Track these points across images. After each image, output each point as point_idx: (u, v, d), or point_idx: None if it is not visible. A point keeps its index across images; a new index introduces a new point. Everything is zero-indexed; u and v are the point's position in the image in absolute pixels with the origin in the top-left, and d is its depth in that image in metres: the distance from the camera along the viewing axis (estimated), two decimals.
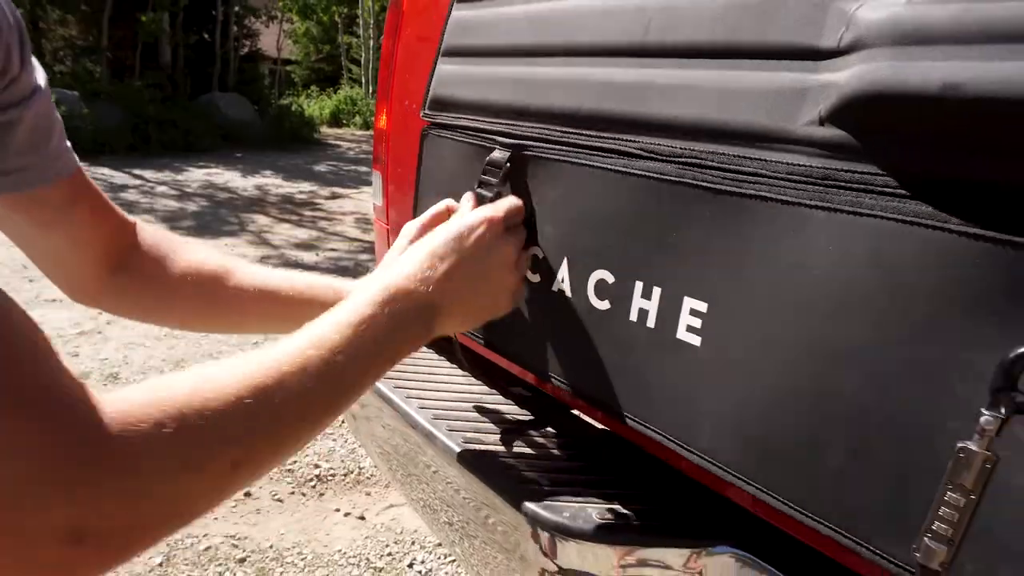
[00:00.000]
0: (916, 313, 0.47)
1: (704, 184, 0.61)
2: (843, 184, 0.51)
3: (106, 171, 8.91)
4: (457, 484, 0.85)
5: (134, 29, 12.07)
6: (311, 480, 2.42)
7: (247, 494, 2.31)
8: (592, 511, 0.71)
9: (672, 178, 0.64)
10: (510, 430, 0.90)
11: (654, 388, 0.67)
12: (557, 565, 0.72)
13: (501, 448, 0.84)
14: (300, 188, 8.94)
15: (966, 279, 0.44)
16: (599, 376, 0.74)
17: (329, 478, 2.44)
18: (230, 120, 12.72)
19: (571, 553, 0.69)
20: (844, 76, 0.50)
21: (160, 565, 1.94)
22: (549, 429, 0.90)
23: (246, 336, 3.59)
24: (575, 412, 0.95)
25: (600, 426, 0.89)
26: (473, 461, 0.79)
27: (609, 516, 0.71)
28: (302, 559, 2.02)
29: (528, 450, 0.85)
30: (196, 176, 9.24)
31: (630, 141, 0.68)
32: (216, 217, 6.80)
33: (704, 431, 0.63)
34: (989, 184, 0.43)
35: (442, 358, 1.11)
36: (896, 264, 0.48)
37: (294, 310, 0.76)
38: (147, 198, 7.49)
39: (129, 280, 0.75)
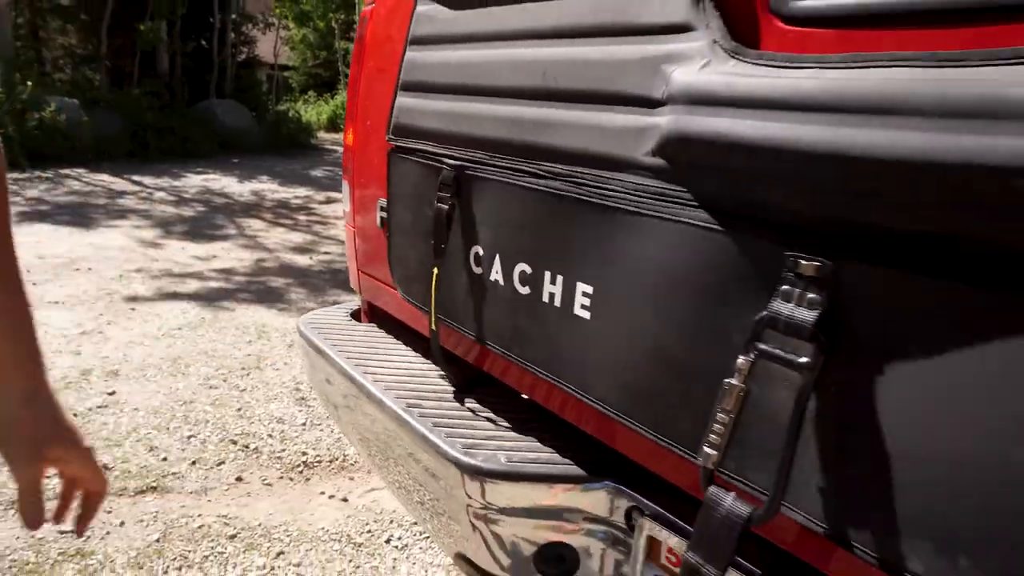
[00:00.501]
0: (707, 291, 0.66)
1: (583, 198, 0.80)
2: (668, 199, 0.70)
3: (106, 177, 9.08)
4: (408, 447, 1.03)
5: (133, 38, 12.26)
6: (298, 466, 2.59)
7: (238, 479, 2.48)
8: (502, 456, 0.90)
9: (563, 192, 0.83)
10: (449, 399, 1.08)
11: (563, 351, 0.87)
12: (479, 501, 0.91)
13: (439, 411, 1.03)
14: (296, 193, 9.11)
15: (730, 266, 0.63)
16: (526, 344, 0.93)
17: (315, 464, 2.61)
18: (228, 126, 12.89)
19: (487, 490, 0.88)
20: (663, 121, 0.68)
21: (157, 541, 2.11)
22: (484, 398, 1.09)
23: (240, 335, 3.77)
24: (509, 384, 1.13)
25: (525, 396, 1.07)
26: (413, 420, 0.98)
27: (516, 461, 0.89)
28: (288, 536, 2.19)
29: (463, 413, 1.04)
30: (194, 182, 9.41)
31: (535, 164, 0.87)
32: (211, 222, 6.97)
33: (595, 382, 0.82)
34: (744, 201, 0.62)
35: (398, 341, 1.30)
36: (694, 255, 0.66)
37: None
38: (145, 204, 7.66)
39: None
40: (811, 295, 0.57)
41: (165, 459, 2.57)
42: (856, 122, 0.51)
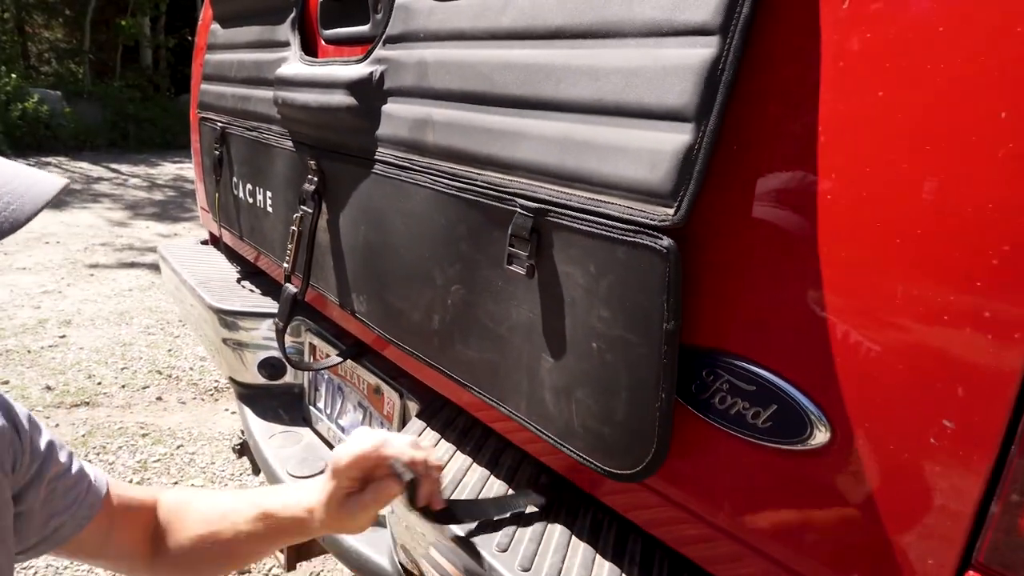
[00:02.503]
0: (289, 183, 1.23)
1: (260, 140, 1.37)
2: (282, 135, 1.27)
3: (85, 165, 9.63)
4: (199, 309, 1.60)
5: (116, 32, 12.78)
6: (211, 391, 3.16)
7: (158, 398, 3.05)
8: (239, 303, 1.47)
9: (255, 138, 1.40)
10: (231, 282, 1.65)
11: (264, 232, 1.43)
12: (225, 332, 1.48)
13: (218, 287, 1.60)
14: None
15: (295, 168, 1.20)
16: (255, 232, 1.49)
17: (225, 389, 3.18)
18: None
19: (227, 323, 1.45)
20: (275, 93, 1.25)
21: (83, 436, 2.68)
22: (250, 280, 1.66)
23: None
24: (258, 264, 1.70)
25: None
26: (198, 289, 1.55)
27: (251, 305, 1.46)
28: (190, 435, 2.76)
29: (233, 286, 1.61)
30: (168, 170, 9.96)
31: (247, 123, 1.44)
32: (179, 205, 7.53)
33: (270, 244, 1.39)
34: (295, 132, 1.19)
35: (220, 254, 1.87)
36: (290, 166, 1.24)
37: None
38: (119, 189, 8.22)
39: (164, 559, 0.80)
40: (313, 177, 1.14)
41: (100, 383, 3.14)
42: (309, 91, 1.08)
